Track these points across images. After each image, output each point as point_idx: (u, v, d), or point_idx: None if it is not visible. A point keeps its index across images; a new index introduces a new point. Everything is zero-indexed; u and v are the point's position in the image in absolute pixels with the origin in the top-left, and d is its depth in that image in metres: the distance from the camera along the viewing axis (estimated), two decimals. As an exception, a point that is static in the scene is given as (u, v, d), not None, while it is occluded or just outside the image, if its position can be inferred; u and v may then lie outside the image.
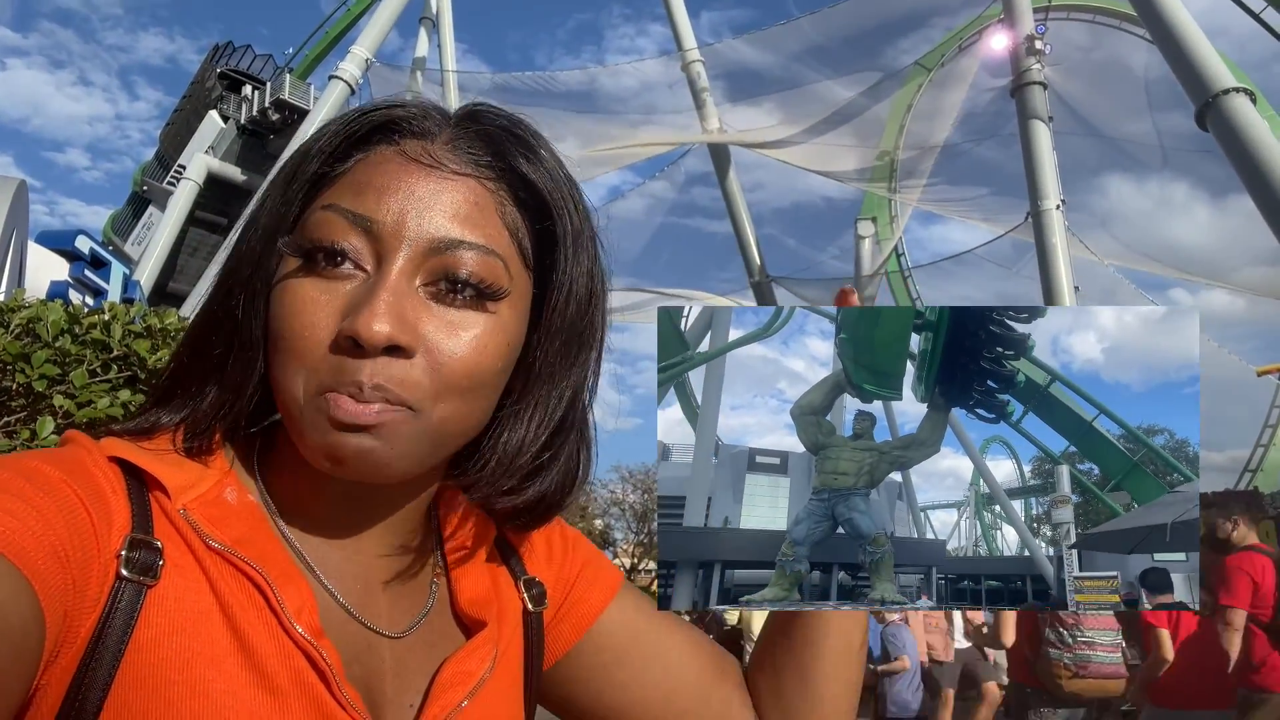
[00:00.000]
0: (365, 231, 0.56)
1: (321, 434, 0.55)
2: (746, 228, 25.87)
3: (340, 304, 0.56)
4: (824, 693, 0.73)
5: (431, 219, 0.57)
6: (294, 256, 0.57)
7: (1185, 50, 13.76)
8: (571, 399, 0.65)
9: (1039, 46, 17.88)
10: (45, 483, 0.51)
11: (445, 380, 0.56)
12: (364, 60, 22.35)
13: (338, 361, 0.55)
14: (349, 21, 30.50)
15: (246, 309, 0.58)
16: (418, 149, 0.59)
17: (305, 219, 0.58)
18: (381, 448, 0.55)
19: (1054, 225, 16.85)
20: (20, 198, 7.29)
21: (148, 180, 31.81)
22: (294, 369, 0.56)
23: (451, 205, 0.58)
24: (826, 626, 0.73)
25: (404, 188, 0.57)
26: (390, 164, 0.58)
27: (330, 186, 0.59)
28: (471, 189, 0.59)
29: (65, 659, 0.49)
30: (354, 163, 0.59)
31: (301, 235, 0.57)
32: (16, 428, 2.19)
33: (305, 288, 0.56)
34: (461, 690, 0.62)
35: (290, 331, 0.56)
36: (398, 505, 0.64)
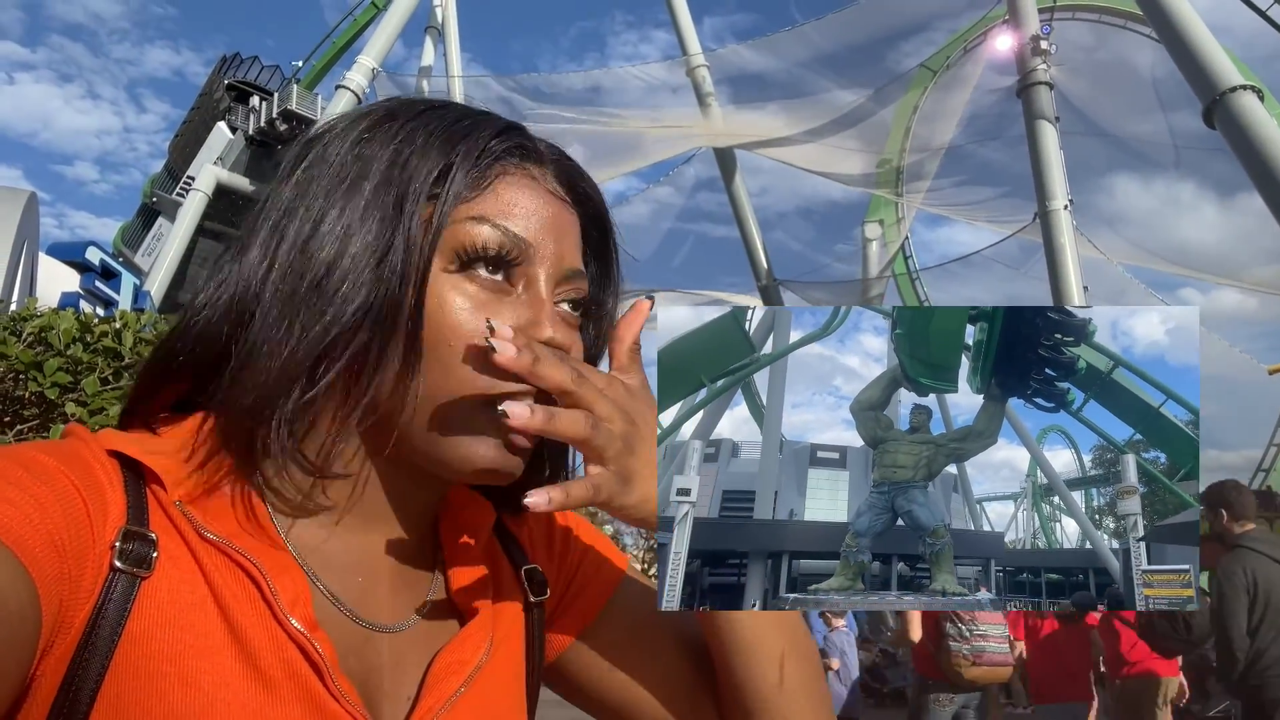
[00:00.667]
0: (518, 251, 0.60)
1: (491, 451, 0.59)
2: (753, 231, 25.85)
3: (506, 313, 0.59)
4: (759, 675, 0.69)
5: (566, 247, 0.63)
6: (445, 260, 0.59)
7: (1192, 48, 13.71)
8: None
9: (1044, 46, 17.85)
10: (43, 472, 0.51)
11: None
12: (370, 70, 22.45)
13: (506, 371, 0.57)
14: (355, 32, 30.63)
15: (400, 312, 0.56)
16: (541, 174, 0.64)
17: (452, 227, 0.59)
18: (528, 460, 0.62)
19: (1062, 225, 16.79)
20: (30, 210, 7.35)
21: (157, 192, 31.98)
22: (460, 378, 0.57)
23: (574, 235, 0.65)
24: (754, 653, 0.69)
25: (549, 216, 0.62)
26: (529, 189, 0.62)
27: (469, 200, 0.59)
28: (577, 221, 0.66)
29: (60, 649, 0.50)
30: (491, 179, 0.61)
31: (457, 245, 0.58)
32: (29, 435, 2.21)
33: (469, 292, 0.59)
34: (456, 679, 0.62)
35: (463, 333, 0.58)
36: (408, 498, 0.64)
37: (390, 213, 0.57)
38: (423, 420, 0.58)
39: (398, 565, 0.65)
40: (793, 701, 0.68)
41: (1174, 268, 25.08)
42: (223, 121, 30.34)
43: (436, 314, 0.57)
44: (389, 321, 0.56)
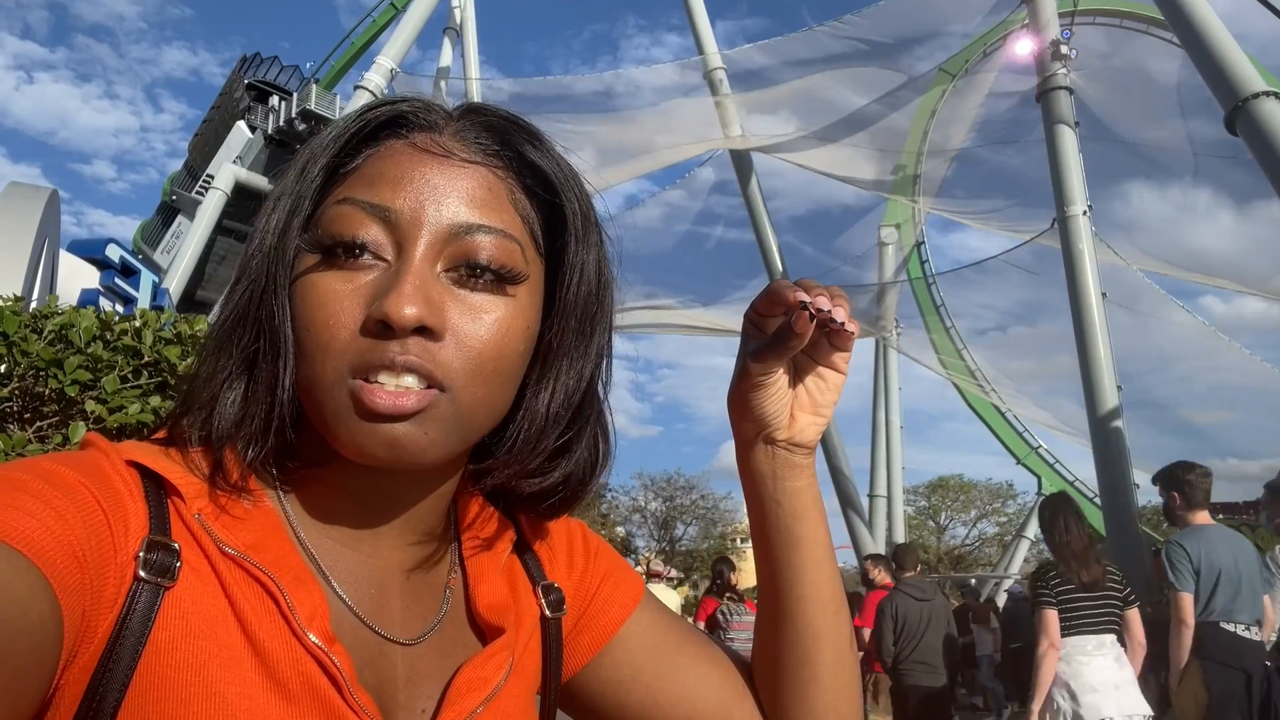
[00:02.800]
0: (384, 221, 0.57)
1: (354, 424, 0.56)
2: (769, 234, 25.80)
3: (365, 293, 0.57)
4: (823, 706, 0.72)
5: (448, 205, 0.58)
6: (313, 252, 0.58)
7: (1214, 53, 13.59)
8: (588, 383, 0.66)
9: (1064, 51, 17.73)
10: (63, 484, 0.51)
11: (473, 362, 0.57)
12: (389, 70, 22.55)
13: (367, 345, 0.55)
14: (373, 33, 30.79)
15: (269, 307, 0.58)
16: (427, 140, 0.60)
17: (320, 215, 0.59)
18: (416, 434, 0.56)
19: (1080, 230, 16.67)
20: (52, 207, 7.42)
21: (177, 190, 32.24)
22: (321, 359, 0.56)
23: (466, 191, 0.59)
24: (818, 640, 0.72)
25: (419, 176, 0.58)
26: (402, 155, 0.59)
27: (342, 182, 0.60)
28: (484, 176, 0.60)
29: (83, 659, 0.50)
30: (364, 158, 0.60)
31: (319, 230, 0.58)
32: (49, 433, 2.23)
33: (328, 280, 0.57)
34: (477, 697, 0.61)
35: (316, 323, 0.56)
36: (418, 499, 0.64)
37: (275, 221, 0.60)
38: (312, 413, 0.58)
39: (411, 578, 0.65)
40: (841, 640, 0.73)
41: (1193, 275, 24.84)
42: (242, 121, 30.56)
43: (299, 308, 0.58)
44: (263, 314, 0.58)
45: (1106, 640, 4.39)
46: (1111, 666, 4.33)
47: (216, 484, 0.58)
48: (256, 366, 0.59)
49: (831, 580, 0.72)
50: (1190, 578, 4.40)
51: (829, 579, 0.72)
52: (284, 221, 0.59)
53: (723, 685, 0.74)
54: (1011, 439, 30.87)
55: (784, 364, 0.66)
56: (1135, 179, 25.95)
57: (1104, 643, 4.38)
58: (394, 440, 0.56)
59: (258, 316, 0.59)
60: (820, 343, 0.66)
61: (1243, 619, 4.40)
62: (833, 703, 0.72)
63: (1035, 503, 32.20)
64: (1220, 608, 4.39)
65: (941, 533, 47.00)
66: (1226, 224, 27.33)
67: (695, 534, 38.93)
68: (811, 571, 0.71)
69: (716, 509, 37.64)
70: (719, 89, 24.61)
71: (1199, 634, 4.42)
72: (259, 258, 0.59)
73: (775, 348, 0.63)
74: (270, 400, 0.58)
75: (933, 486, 46.42)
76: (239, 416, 0.59)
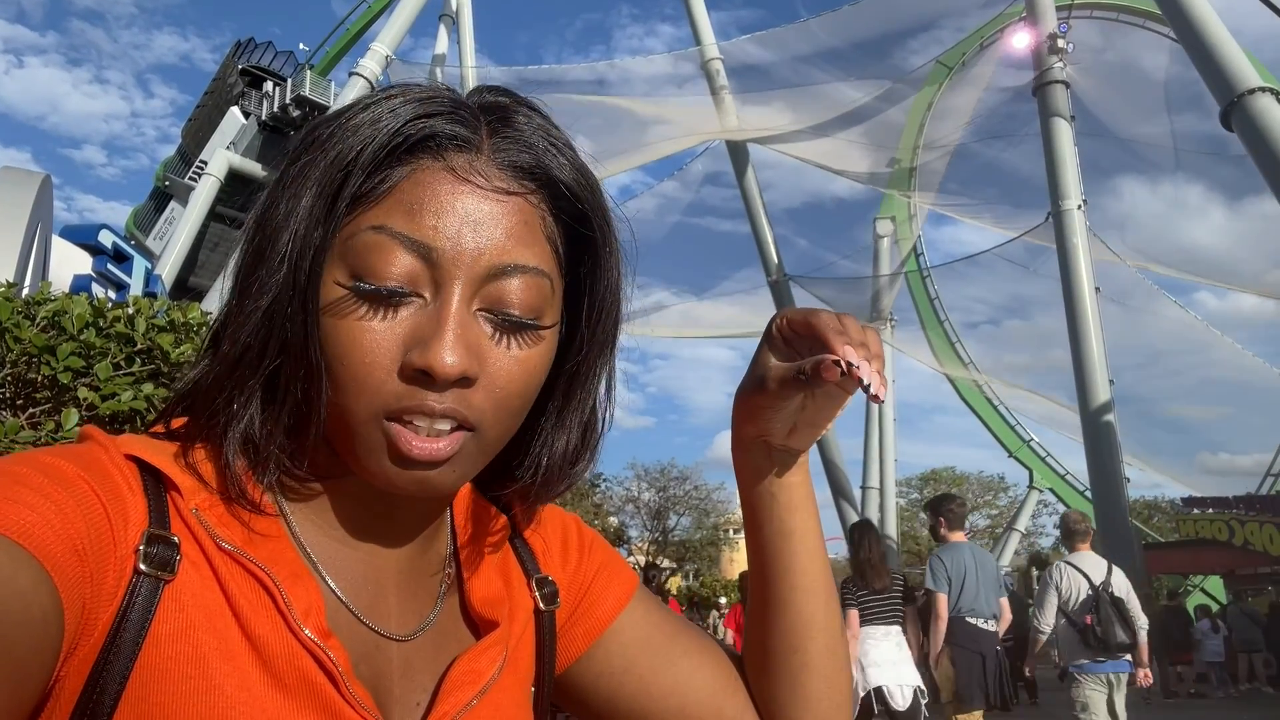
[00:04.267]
0: (422, 257, 0.56)
1: (386, 465, 0.56)
2: (764, 226, 25.79)
3: (402, 333, 0.55)
4: (815, 693, 0.73)
5: (488, 244, 0.57)
6: (345, 278, 0.56)
7: (1211, 49, 13.60)
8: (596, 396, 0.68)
9: (1061, 45, 17.73)
10: (62, 478, 0.51)
11: (501, 403, 0.58)
12: (384, 57, 22.46)
13: (405, 390, 0.55)
14: (369, 18, 30.63)
15: (298, 333, 0.56)
16: (465, 165, 0.58)
17: (352, 236, 0.56)
18: (446, 474, 0.57)
19: (1075, 225, 16.70)
20: (45, 192, 7.38)
21: (170, 175, 32.10)
22: (355, 395, 0.56)
23: (505, 228, 0.57)
24: (809, 628, 0.73)
25: (459, 211, 0.56)
26: (441, 184, 0.57)
27: (376, 204, 0.57)
28: (520, 208, 0.59)
29: (83, 651, 0.50)
30: (399, 179, 0.57)
31: (354, 258, 0.56)
32: (41, 419, 2.22)
33: (363, 317, 0.56)
34: (471, 690, 0.62)
35: (352, 360, 0.55)
36: (423, 510, 0.65)
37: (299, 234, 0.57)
38: (336, 432, 0.58)
39: (407, 573, 0.65)
40: (833, 628, 0.74)
41: (1185, 274, 24.94)
42: (236, 106, 30.41)
43: (332, 339, 0.56)
44: (287, 330, 0.57)
45: (892, 630, 5.86)
46: (893, 649, 5.80)
47: (214, 481, 0.58)
48: (279, 387, 0.58)
49: (823, 570, 0.74)
50: (945, 583, 5.92)
51: (820, 569, 0.73)
52: (310, 240, 0.56)
53: (715, 678, 0.75)
54: (1004, 432, 31.00)
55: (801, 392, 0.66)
56: (1130, 175, 26.03)
57: (889, 632, 5.85)
58: (424, 481, 0.57)
59: (283, 339, 0.57)
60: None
61: (982, 615, 5.95)
62: (824, 690, 0.73)
63: (1026, 496, 32.40)
64: (965, 606, 5.92)
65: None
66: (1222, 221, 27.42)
67: (689, 524, 39.01)
68: (804, 562, 0.72)
69: (710, 500, 37.69)
70: (716, 80, 24.55)
71: (950, 626, 5.92)
72: (282, 272, 0.56)
73: (797, 382, 0.63)
74: (296, 426, 0.58)
75: (925, 479, 46.62)
76: (261, 435, 0.58)
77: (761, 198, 26.12)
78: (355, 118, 0.58)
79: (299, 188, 0.57)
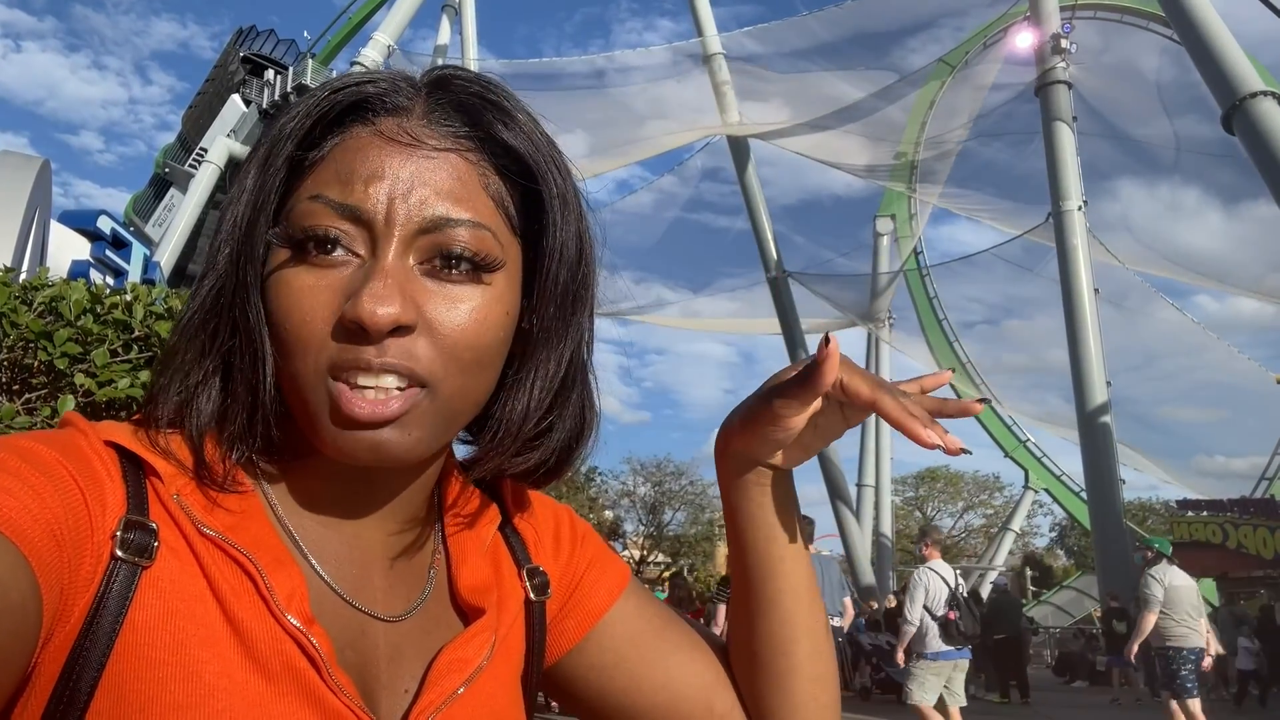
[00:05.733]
0: (355, 220, 0.56)
1: (334, 429, 0.55)
2: (764, 222, 25.76)
3: (338, 288, 0.55)
4: (801, 694, 0.73)
5: (419, 200, 0.57)
6: (284, 247, 0.57)
7: (1213, 52, 13.59)
8: (571, 359, 0.65)
9: (1064, 45, 17.71)
10: (41, 463, 0.50)
11: (450, 354, 0.57)
12: (386, 47, 22.41)
13: (341, 348, 0.55)
14: (371, 8, 30.54)
15: (241, 305, 0.57)
16: (394, 128, 0.58)
17: (291, 208, 0.58)
18: (399, 436, 0.56)
19: (1075, 226, 16.71)
20: (43, 177, 7.36)
21: (170, 162, 32.01)
22: (299, 356, 0.55)
23: (436, 184, 0.57)
24: (795, 630, 0.72)
25: (388, 172, 0.57)
26: (370, 148, 0.58)
27: (311, 174, 0.58)
28: (454, 164, 0.59)
29: (60, 638, 0.49)
30: (331, 147, 0.58)
31: (290, 225, 0.57)
32: (37, 405, 2.22)
33: (300, 276, 0.56)
34: (458, 677, 0.61)
35: (291, 322, 0.56)
36: (401, 487, 0.64)
37: (242, 215, 0.59)
38: (292, 405, 0.58)
39: (393, 557, 0.65)
40: (818, 630, 0.74)
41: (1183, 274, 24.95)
42: (237, 94, 30.32)
43: (273, 304, 0.57)
44: (233, 309, 0.58)
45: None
46: None
47: (196, 466, 0.57)
48: (232, 363, 0.58)
49: (806, 572, 0.73)
50: None
51: (804, 571, 0.73)
52: (250, 216, 0.58)
53: (705, 673, 0.75)
54: (1000, 432, 31.04)
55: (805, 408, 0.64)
56: (1131, 177, 26.01)
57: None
58: (376, 445, 0.55)
59: (231, 313, 0.58)
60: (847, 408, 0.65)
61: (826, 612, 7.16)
62: (811, 691, 0.72)
63: (1022, 495, 32.46)
64: None
65: (928, 523, 47.32)
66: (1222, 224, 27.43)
67: (683, 519, 39.08)
68: (788, 564, 0.72)
69: (705, 495, 37.69)
70: (718, 74, 24.49)
71: None
72: (226, 251, 0.58)
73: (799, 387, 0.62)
74: (252, 400, 0.58)
75: (920, 477, 46.72)
76: (219, 414, 0.58)
77: (761, 193, 26.08)
78: (300, 100, 0.60)
79: (246, 171, 0.59)
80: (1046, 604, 32.40)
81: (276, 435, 0.59)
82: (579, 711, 0.76)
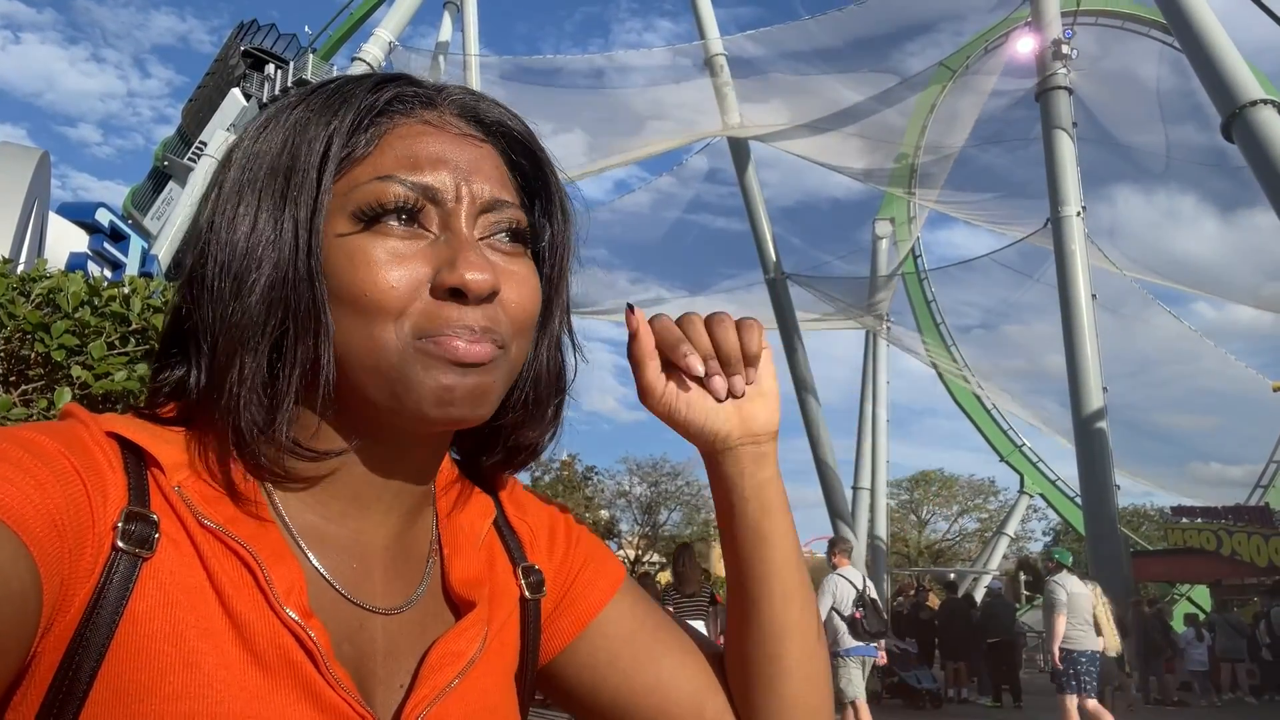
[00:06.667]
0: (428, 198, 0.59)
1: (436, 375, 0.57)
2: (764, 223, 25.76)
3: (422, 259, 0.58)
4: (792, 696, 0.73)
5: (478, 183, 0.62)
6: (353, 222, 0.58)
7: (1213, 60, 13.61)
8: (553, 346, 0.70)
9: (1065, 51, 17.74)
10: (43, 454, 0.51)
11: (519, 321, 0.61)
12: (387, 43, 22.38)
13: (438, 308, 0.57)
14: (373, 4, 30.50)
15: (302, 290, 0.57)
16: (438, 119, 0.63)
17: (353, 191, 0.59)
18: (489, 382, 0.59)
19: (1073, 232, 16.74)
20: (42, 169, 7.35)
21: (169, 155, 31.94)
22: (383, 321, 0.57)
23: (488, 170, 0.63)
24: (787, 634, 0.73)
25: (450, 156, 0.61)
26: (426, 135, 0.61)
27: (366, 161, 0.60)
28: (494, 155, 0.64)
29: (60, 628, 0.50)
30: (381, 135, 0.61)
31: (360, 207, 0.58)
32: (34, 396, 2.22)
33: (377, 248, 0.58)
34: (451, 671, 0.62)
35: (376, 286, 0.57)
36: (401, 483, 0.65)
37: (279, 197, 0.59)
38: (359, 384, 0.58)
39: (392, 551, 0.65)
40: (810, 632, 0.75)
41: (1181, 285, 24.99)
42: (237, 88, 30.26)
43: (347, 273, 0.57)
44: (294, 296, 0.57)
45: (697, 623, 7.27)
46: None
47: (197, 458, 0.58)
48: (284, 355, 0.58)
49: (799, 574, 0.74)
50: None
51: (796, 573, 0.73)
52: (311, 201, 0.58)
53: (696, 676, 0.75)
54: (996, 436, 31.08)
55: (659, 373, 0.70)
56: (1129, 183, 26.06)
57: (695, 624, 6.94)
58: (481, 387, 0.58)
59: (286, 303, 0.57)
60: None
61: None
62: (801, 693, 0.73)
63: (1017, 500, 32.50)
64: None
65: (923, 527, 47.36)
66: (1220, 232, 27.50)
67: (679, 520, 39.11)
68: (780, 567, 0.72)
69: (700, 496, 37.68)
70: (719, 75, 24.49)
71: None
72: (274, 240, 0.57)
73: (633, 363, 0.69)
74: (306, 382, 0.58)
75: (915, 480, 46.72)
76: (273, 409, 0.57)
77: (761, 195, 26.08)
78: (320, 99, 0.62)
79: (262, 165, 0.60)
80: (1038, 609, 32.45)
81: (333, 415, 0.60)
82: (573, 709, 0.76)
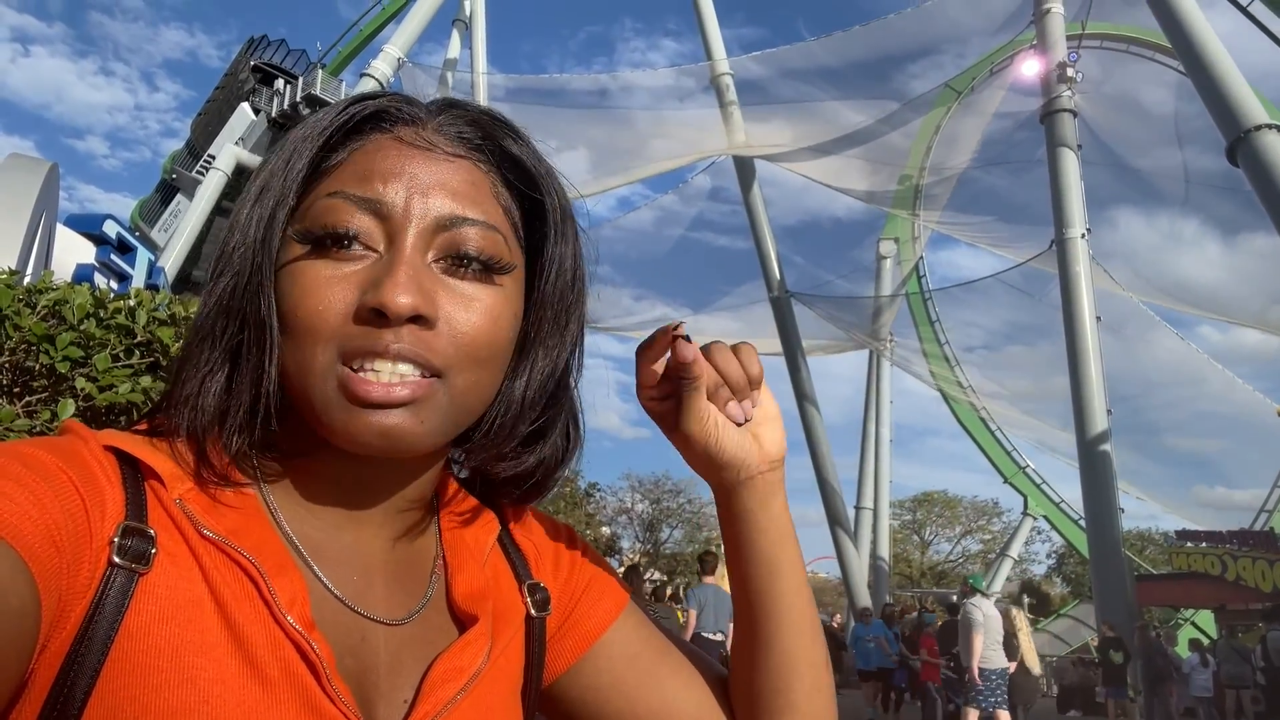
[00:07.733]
0: (374, 214, 0.58)
1: (346, 412, 0.56)
2: (768, 241, 25.78)
3: (356, 280, 0.57)
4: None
5: (436, 198, 0.59)
6: (302, 243, 0.58)
7: (1219, 84, 13.65)
8: (563, 373, 0.68)
9: (1070, 74, 17.80)
10: (40, 468, 0.51)
11: (464, 349, 0.58)
12: (396, 59, 22.53)
13: (359, 331, 0.56)
14: (382, 20, 30.76)
15: (253, 297, 0.58)
16: (412, 134, 0.62)
17: (309, 207, 0.59)
18: (411, 422, 0.57)
19: (1078, 254, 16.73)
20: (51, 181, 7.39)
21: (177, 168, 32.09)
22: (310, 345, 0.56)
23: (452, 185, 0.60)
24: (797, 667, 0.72)
25: (407, 171, 0.59)
26: (389, 150, 0.60)
27: (330, 175, 0.60)
28: (468, 169, 0.62)
29: (56, 644, 0.49)
30: (350, 152, 0.61)
31: (308, 222, 0.59)
32: (38, 408, 2.22)
33: (317, 267, 0.57)
34: (454, 686, 0.61)
35: (305, 309, 0.56)
36: (398, 492, 0.64)
37: (254, 208, 0.60)
38: (298, 395, 0.58)
39: (394, 564, 0.65)
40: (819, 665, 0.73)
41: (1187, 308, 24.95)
42: (246, 103, 30.45)
43: (287, 293, 0.58)
44: (248, 307, 0.58)
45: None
46: None
47: (198, 471, 0.58)
48: (240, 357, 0.59)
49: (809, 606, 0.73)
50: (696, 607, 8.50)
51: (806, 605, 0.73)
52: (269, 213, 0.59)
53: (701, 702, 0.74)
54: (999, 457, 30.95)
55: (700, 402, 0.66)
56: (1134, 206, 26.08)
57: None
58: (387, 429, 0.56)
59: (241, 307, 0.58)
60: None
61: (712, 630, 8.40)
62: None
63: (1020, 522, 32.31)
64: (703, 624, 8.45)
65: (925, 547, 47.12)
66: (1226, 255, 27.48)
67: (680, 537, 38.97)
68: (790, 598, 0.71)
69: (702, 514, 37.62)
70: (725, 94, 24.61)
71: (693, 638, 8.03)
72: (242, 249, 0.59)
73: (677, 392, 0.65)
74: (255, 391, 0.58)
75: (919, 501, 46.55)
76: (223, 407, 0.58)
77: (765, 213, 26.13)
78: (320, 111, 0.63)
79: (267, 172, 0.61)
80: (1043, 632, 32.20)
81: (275, 428, 0.59)
82: None
